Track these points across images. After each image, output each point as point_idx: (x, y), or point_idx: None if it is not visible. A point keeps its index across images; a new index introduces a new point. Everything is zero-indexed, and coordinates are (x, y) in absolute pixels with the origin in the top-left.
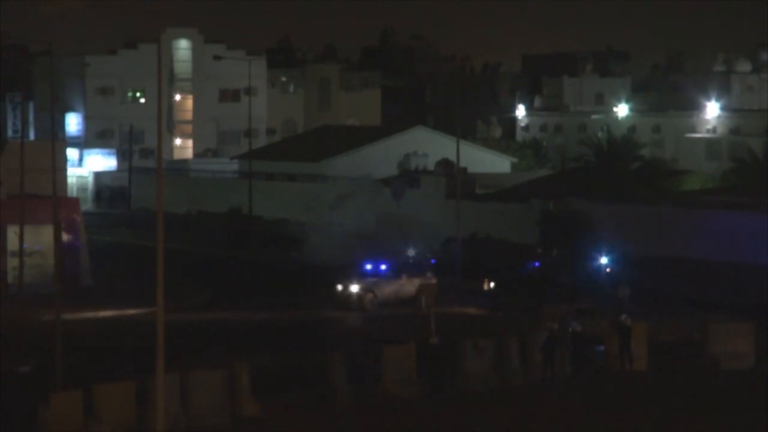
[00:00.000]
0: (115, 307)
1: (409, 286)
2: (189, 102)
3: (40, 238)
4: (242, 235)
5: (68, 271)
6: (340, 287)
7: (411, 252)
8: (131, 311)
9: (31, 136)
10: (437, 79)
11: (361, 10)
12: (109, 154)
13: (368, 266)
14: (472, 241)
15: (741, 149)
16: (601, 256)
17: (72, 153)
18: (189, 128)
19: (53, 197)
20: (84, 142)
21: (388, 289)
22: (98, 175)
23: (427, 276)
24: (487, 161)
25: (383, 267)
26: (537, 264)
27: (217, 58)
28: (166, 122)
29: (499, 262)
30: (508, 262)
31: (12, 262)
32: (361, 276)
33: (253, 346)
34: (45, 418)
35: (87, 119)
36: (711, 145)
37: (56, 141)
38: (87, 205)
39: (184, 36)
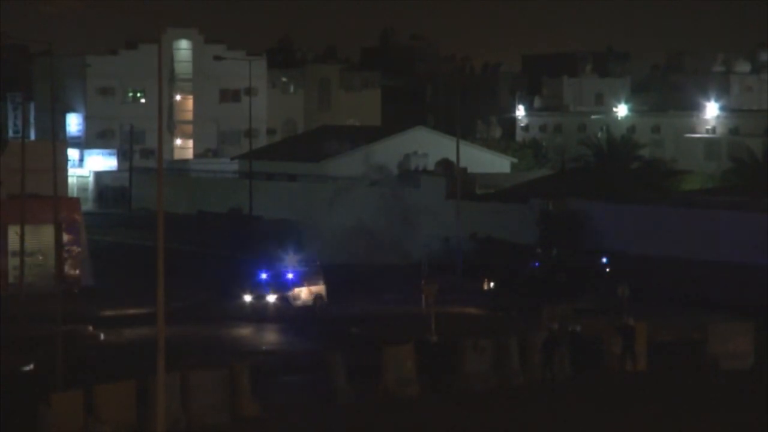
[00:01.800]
0: (115, 307)
1: (307, 293)
2: (189, 102)
3: (41, 238)
4: (242, 234)
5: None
6: (249, 298)
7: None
8: (131, 311)
9: (32, 136)
10: (437, 79)
11: (361, 10)
12: (110, 154)
13: (264, 275)
14: (472, 241)
15: (740, 149)
16: (601, 256)
17: (72, 153)
18: (189, 128)
19: (54, 197)
20: (84, 142)
21: (296, 298)
22: (99, 175)
23: (319, 283)
24: (486, 161)
25: (290, 275)
26: (537, 264)
27: (217, 58)
28: (167, 122)
29: (499, 262)
30: (508, 262)
31: (13, 262)
32: (266, 285)
33: None
34: (45, 418)
35: (87, 119)
36: (710, 145)
37: (57, 141)
38: (87, 205)
39: (185, 36)
